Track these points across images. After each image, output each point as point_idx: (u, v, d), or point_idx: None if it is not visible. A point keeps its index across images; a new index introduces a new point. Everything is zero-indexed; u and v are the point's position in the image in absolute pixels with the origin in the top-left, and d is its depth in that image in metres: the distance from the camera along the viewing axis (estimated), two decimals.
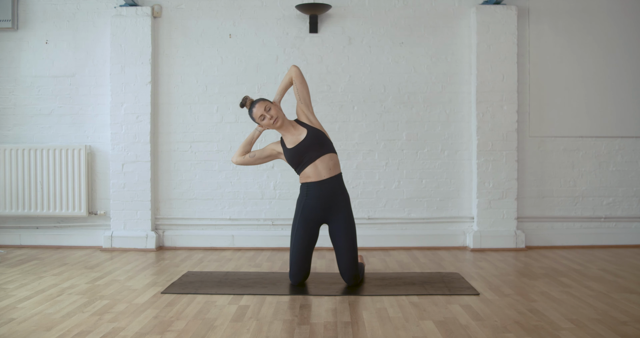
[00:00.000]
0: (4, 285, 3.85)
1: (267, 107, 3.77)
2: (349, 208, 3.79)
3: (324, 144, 3.79)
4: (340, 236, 3.74)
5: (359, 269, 3.81)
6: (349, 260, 3.74)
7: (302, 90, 3.83)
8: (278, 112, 3.78)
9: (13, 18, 5.35)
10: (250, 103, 3.84)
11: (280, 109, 3.82)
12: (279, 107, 3.83)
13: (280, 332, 2.85)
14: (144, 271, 4.31)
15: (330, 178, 3.76)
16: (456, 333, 2.81)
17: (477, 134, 5.26)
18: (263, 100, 3.81)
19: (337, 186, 3.78)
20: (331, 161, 3.78)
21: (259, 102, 3.80)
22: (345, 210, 3.77)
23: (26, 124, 5.43)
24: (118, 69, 5.27)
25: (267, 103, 3.79)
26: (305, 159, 3.77)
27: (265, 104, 3.78)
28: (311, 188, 3.77)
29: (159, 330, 2.87)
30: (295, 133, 3.83)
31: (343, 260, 3.75)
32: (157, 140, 5.38)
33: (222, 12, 5.37)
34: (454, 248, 5.31)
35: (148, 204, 5.29)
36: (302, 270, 3.82)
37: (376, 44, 5.36)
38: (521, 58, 5.35)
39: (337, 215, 3.77)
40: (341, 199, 3.77)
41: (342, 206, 3.77)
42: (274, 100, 3.88)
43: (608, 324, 2.93)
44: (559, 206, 5.41)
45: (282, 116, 3.80)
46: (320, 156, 3.75)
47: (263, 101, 3.80)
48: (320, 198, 3.75)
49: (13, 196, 5.30)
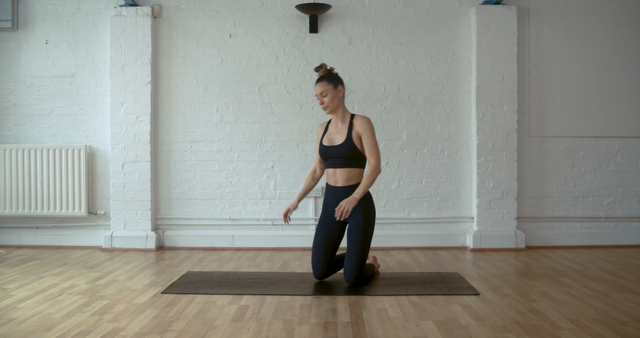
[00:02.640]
0: (4, 285, 3.85)
1: (324, 92, 3.78)
2: (366, 213, 3.77)
3: (353, 160, 3.80)
4: (350, 237, 3.79)
5: (362, 271, 3.79)
6: (351, 262, 3.74)
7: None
8: (331, 101, 3.78)
9: (13, 18, 5.35)
10: (322, 72, 3.81)
11: (335, 98, 3.78)
12: (335, 95, 3.78)
13: (280, 332, 2.85)
14: (144, 271, 4.31)
15: (345, 187, 3.82)
16: (456, 333, 2.81)
17: (477, 134, 5.26)
18: (326, 80, 3.78)
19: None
20: (352, 173, 3.81)
21: (320, 82, 3.79)
22: (360, 215, 3.76)
23: (26, 124, 5.43)
24: (118, 69, 5.27)
25: (326, 88, 3.77)
26: (329, 163, 3.87)
27: (323, 88, 3.77)
28: (328, 190, 3.93)
29: (159, 330, 2.87)
30: (336, 131, 3.87)
31: (347, 260, 3.79)
32: (157, 140, 5.38)
33: (222, 12, 5.37)
34: (454, 248, 5.31)
35: (148, 204, 5.29)
36: (318, 264, 3.90)
37: (376, 44, 5.36)
38: (521, 58, 5.35)
39: (352, 217, 3.79)
40: (358, 204, 3.76)
41: (357, 210, 3.77)
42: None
43: (608, 324, 2.93)
44: (559, 206, 5.41)
45: (334, 106, 3.80)
46: (343, 167, 3.81)
47: (325, 83, 3.77)
48: (336, 201, 3.85)
49: (13, 196, 5.30)
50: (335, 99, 3.79)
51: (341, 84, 3.83)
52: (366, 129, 3.75)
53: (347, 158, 3.79)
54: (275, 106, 5.36)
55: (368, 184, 3.72)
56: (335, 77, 3.83)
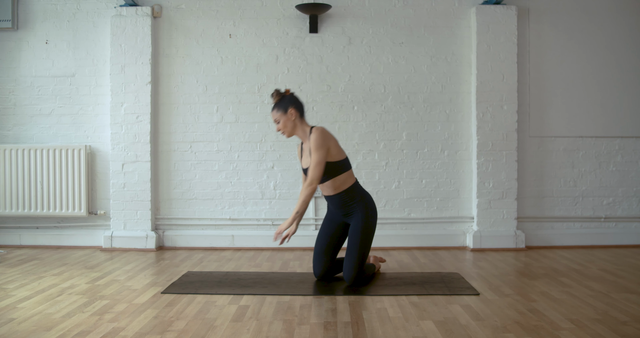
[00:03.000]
0: (4, 285, 3.85)
1: (276, 119, 3.84)
2: (364, 214, 3.81)
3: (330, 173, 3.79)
4: (350, 238, 3.83)
5: (361, 271, 3.81)
6: (350, 262, 3.78)
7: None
8: (284, 127, 3.82)
9: (13, 18, 5.35)
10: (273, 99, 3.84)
11: (288, 122, 3.80)
12: (287, 119, 3.80)
13: (280, 332, 2.85)
14: (144, 271, 4.31)
15: (338, 194, 3.84)
16: (456, 333, 2.81)
17: (477, 134, 5.26)
18: (276, 108, 3.82)
19: (347, 198, 3.83)
20: (337, 182, 3.81)
21: (272, 111, 3.85)
22: (358, 215, 3.81)
23: (26, 124, 5.43)
24: (118, 69, 5.27)
25: (277, 115, 3.81)
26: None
27: (275, 117, 3.83)
28: (326, 198, 3.96)
29: (159, 330, 2.87)
30: (305, 151, 3.90)
31: (346, 260, 3.83)
32: (157, 140, 5.38)
33: (222, 12, 5.37)
34: (454, 248, 5.31)
35: (148, 204, 5.29)
36: (318, 263, 3.94)
37: (376, 44, 5.36)
38: (521, 58, 5.35)
39: (352, 218, 3.85)
40: (354, 206, 3.83)
41: (356, 212, 3.82)
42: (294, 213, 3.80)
43: (608, 324, 2.93)
44: (559, 206, 5.41)
45: (289, 131, 3.83)
46: (326, 181, 3.84)
47: (275, 110, 3.82)
48: (335, 207, 3.92)
49: (13, 196, 5.30)
50: (288, 123, 3.81)
51: (292, 107, 3.81)
52: (313, 145, 3.71)
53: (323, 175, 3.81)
54: None
55: (301, 202, 3.73)
56: (286, 101, 3.82)
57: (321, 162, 3.70)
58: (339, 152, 3.80)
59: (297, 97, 3.89)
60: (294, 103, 3.83)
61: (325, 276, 3.96)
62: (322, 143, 3.70)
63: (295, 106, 3.83)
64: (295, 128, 3.84)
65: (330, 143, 3.75)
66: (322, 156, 3.70)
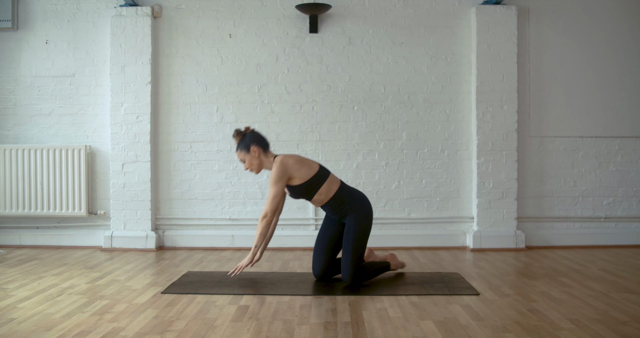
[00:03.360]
0: (4, 285, 3.85)
1: (241, 159, 3.88)
2: (356, 214, 3.82)
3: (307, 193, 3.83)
4: (345, 237, 3.85)
5: (358, 269, 3.81)
6: (346, 260, 3.81)
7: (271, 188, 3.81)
8: (250, 165, 3.86)
9: (13, 18, 5.35)
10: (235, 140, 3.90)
11: (253, 160, 3.83)
12: (252, 157, 3.83)
13: (280, 332, 2.85)
14: (144, 271, 4.31)
15: (327, 204, 3.88)
16: (456, 333, 2.81)
17: (477, 134, 5.26)
18: (239, 149, 3.85)
19: (336, 203, 3.86)
20: (320, 196, 3.84)
21: (237, 151, 3.88)
22: (351, 216, 3.83)
23: (26, 124, 5.43)
24: (118, 69, 5.27)
25: (241, 155, 3.85)
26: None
27: (239, 157, 3.87)
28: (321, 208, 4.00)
29: (159, 330, 2.87)
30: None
31: (342, 259, 3.85)
32: (157, 140, 5.38)
33: (222, 12, 5.37)
34: (454, 248, 5.31)
35: (148, 204, 5.29)
36: (317, 263, 3.97)
37: (376, 44, 5.36)
38: (521, 58, 5.35)
39: (347, 218, 3.86)
40: (346, 209, 3.85)
41: (349, 214, 3.85)
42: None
43: (608, 324, 2.93)
44: (559, 206, 5.41)
45: (256, 168, 3.86)
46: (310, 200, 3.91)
47: (239, 151, 3.86)
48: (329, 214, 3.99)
49: (13, 196, 5.30)
50: (253, 161, 3.84)
51: (253, 145, 3.82)
52: (271, 179, 3.76)
53: (302, 197, 3.88)
54: (275, 106, 5.36)
55: (257, 235, 3.79)
56: (247, 140, 3.84)
57: (277, 195, 3.75)
58: (307, 170, 3.78)
59: (257, 133, 3.90)
60: (255, 140, 3.84)
61: (325, 276, 3.96)
62: (279, 177, 3.73)
63: (257, 142, 3.84)
64: (262, 163, 3.86)
65: (292, 171, 3.75)
66: (278, 189, 3.75)
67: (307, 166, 3.80)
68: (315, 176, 3.80)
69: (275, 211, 3.81)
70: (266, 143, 3.90)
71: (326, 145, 5.36)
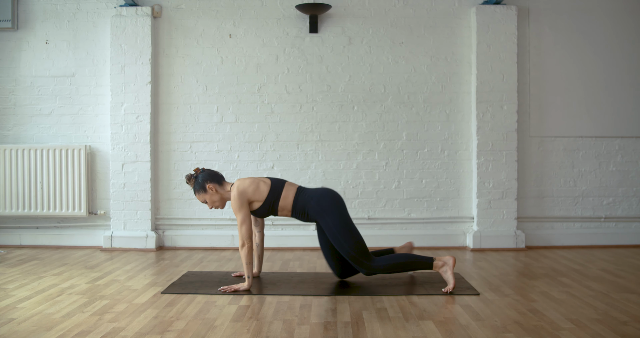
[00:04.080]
0: (4, 285, 3.85)
1: (203, 201, 3.86)
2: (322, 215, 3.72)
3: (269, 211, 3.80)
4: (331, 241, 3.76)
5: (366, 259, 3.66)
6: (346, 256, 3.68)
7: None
8: (212, 203, 3.83)
9: (13, 18, 5.35)
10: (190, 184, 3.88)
11: (214, 197, 3.80)
12: (212, 195, 3.80)
13: (280, 332, 2.85)
14: (144, 271, 4.31)
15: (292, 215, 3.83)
16: (456, 333, 2.81)
17: (477, 134, 5.26)
18: (196, 191, 3.83)
19: (299, 215, 3.81)
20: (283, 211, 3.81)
21: (195, 194, 3.86)
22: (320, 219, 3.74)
23: (26, 124, 5.43)
24: (118, 69, 5.27)
25: (200, 197, 3.83)
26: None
27: (200, 199, 3.85)
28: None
29: (159, 330, 2.87)
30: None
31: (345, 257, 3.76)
32: (157, 140, 5.38)
33: (222, 12, 5.37)
34: (454, 248, 5.31)
35: (148, 204, 5.29)
36: (331, 267, 3.96)
37: (376, 44, 5.36)
38: (521, 58, 5.36)
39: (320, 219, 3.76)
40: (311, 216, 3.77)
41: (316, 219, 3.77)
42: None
43: (608, 324, 2.93)
44: (559, 206, 5.41)
45: (219, 204, 3.84)
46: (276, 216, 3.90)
47: (197, 194, 3.83)
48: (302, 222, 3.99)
49: (13, 196, 5.30)
50: (214, 198, 3.82)
51: (208, 183, 3.79)
52: (233, 208, 3.72)
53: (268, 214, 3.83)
54: (275, 106, 5.36)
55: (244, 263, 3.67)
56: (200, 181, 3.80)
57: (244, 221, 3.68)
58: (261, 191, 3.73)
59: (208, 171, 3.86)
60: (207, 179, 3.81)
61: (344, 274, 3.94)
62: (240, 204, 3.69)
63: (210, 179, 3.81)
64: (222, 197, 3.84)
65: (248, 194, 3.71)
66: (243, 215, 3.69)
67: (261, 186, 3.75)
68: (270, 194, 3.74)
69: (250, 237, 3.68)
70: (219, 177, 3.86)
71: (326, 145, 5.36)
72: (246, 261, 3.66)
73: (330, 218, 3.71)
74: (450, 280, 3.62)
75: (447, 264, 3.68)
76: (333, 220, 3.70)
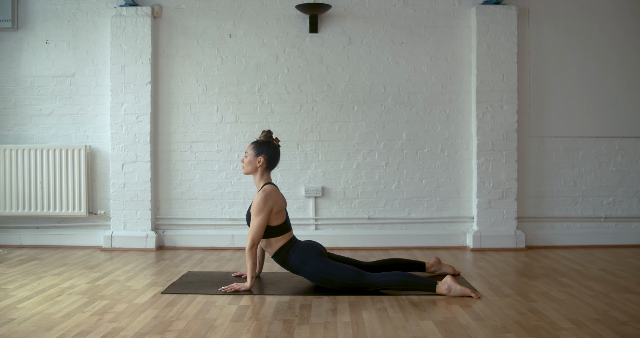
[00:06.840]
0: (4, 285, 3.85)
1: (246, 153, 3.85)
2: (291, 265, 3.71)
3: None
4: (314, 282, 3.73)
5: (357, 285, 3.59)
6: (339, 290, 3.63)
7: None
8: (246, 164, 3.82)
9: (13, 18, 5.35)
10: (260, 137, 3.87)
11: (251, 163, 3.80)
12: (252, 161, 3.80)
13: (280, 332, 2.85)
14: (144, 271, 4.31)
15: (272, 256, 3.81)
16: (456, 333, 2.81)
17: (477, 134, 5.26)
18: (254, 145, 3.83)
19: (280, 260, 3.78)
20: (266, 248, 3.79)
21: (250, 144, 3.86)
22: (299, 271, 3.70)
23: (26, 124, 5.43)
24: (118, 69, 5.27)
25: (249, 151, 3.83)
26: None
27: (247, 151, 3.85)
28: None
29: (159, 330, 2.87)
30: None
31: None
32: (157, 140, 5.38)
33: (222, 12, 5.37)
34: (454, 248, 5.31)
35: (148, 204, 5.29)
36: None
37: (376, 44, 5.36)
38: (521, 58, 5.35)
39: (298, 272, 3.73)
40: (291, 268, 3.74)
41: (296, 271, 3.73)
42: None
43: (608, 324, 2.93)
44: (559, 206, 5.41)
45: (247, 170, 3.83)
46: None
47: (252, 146, 3.83)
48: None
49: (13, 196, 5.30)
50: (250, 164, 3.82)
51: (262, 156, 3.78)
52: (254, 208, 3.70)
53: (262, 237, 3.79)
54: (275, 106, 5.36)
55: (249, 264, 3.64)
56: (263, 147, 3.80)
57: (262, 225, 3.66)
58: (278, 216, 3.72)
59: (277, 150, 3.84)
60: (269, 154, 3.80)
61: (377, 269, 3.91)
62: (262, 208, 3.66)
63: (269, 157, 3.80)
64: (255, 172, 3.82)
65: (273, 206, 3.69)
66: (263, 219, 3.66)
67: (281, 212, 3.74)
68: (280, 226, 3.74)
69: (260, 240, 3.68)
70: (274, 164, 3.85)
71: (326, 145, 5.36)
72: (252, 262, 3.66)
73: (298, 265, 3.69)
74: (465, 290, 3.49)
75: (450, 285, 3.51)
76: (301, 266, 3.69)
